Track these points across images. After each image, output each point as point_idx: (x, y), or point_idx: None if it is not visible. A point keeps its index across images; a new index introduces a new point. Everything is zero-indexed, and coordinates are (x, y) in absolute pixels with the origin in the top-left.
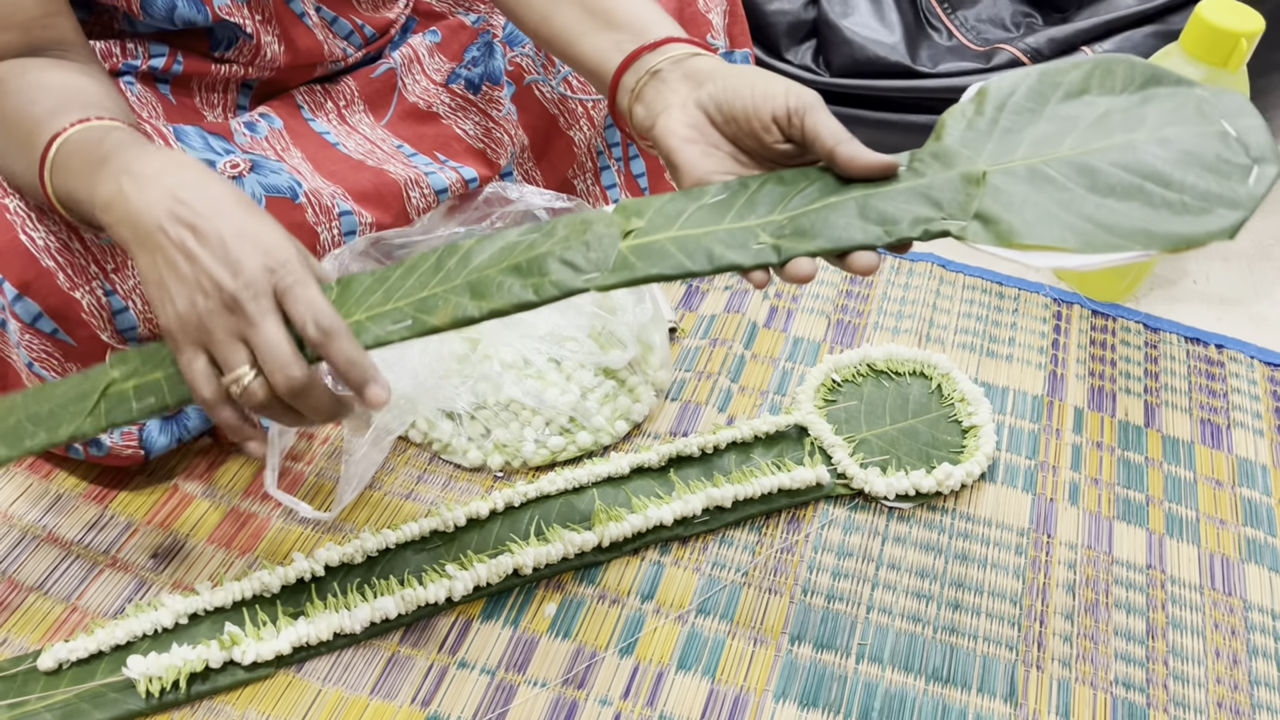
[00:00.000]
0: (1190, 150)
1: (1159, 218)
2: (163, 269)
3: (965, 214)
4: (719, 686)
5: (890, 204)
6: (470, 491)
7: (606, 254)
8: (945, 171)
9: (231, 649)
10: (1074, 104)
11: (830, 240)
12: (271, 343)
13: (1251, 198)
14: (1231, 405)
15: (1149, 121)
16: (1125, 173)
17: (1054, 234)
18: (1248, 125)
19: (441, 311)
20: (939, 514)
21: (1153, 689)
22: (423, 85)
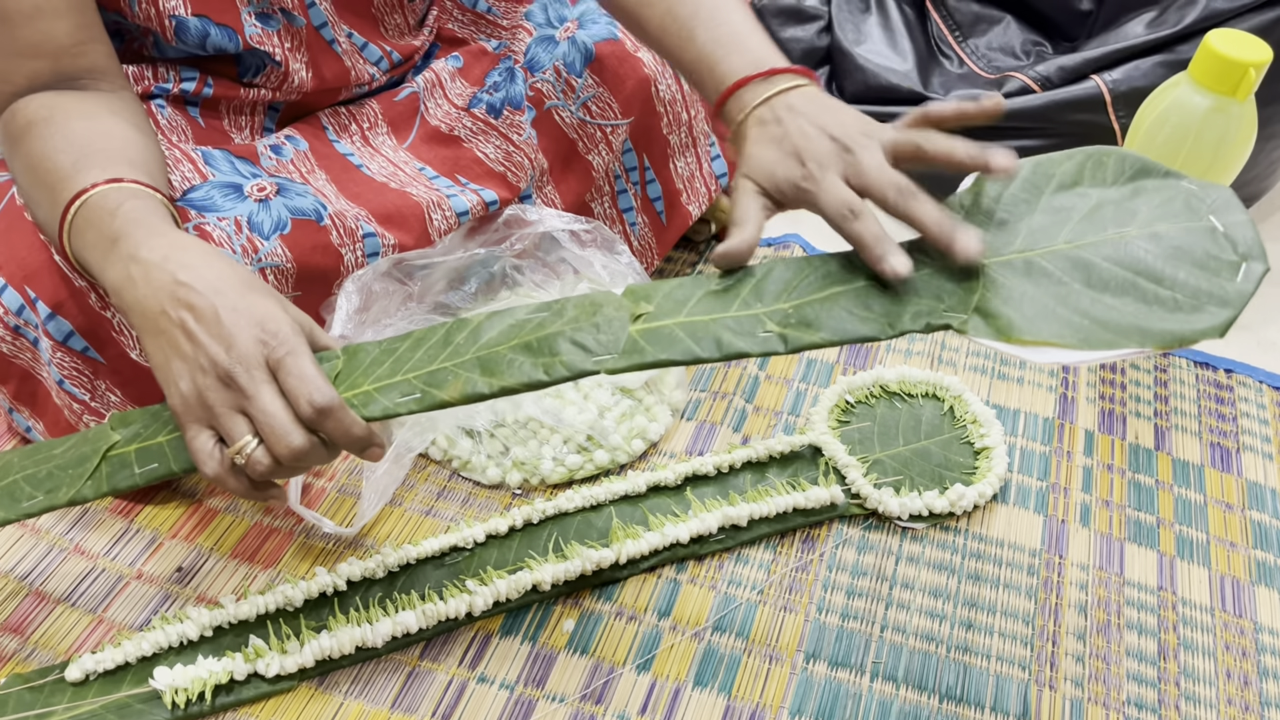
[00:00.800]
0: (1180, 246)
1: (1153, 315)
2: (167, 350)
3: (965, 308)
4: (735, 703)
5: (893, 295)
6: (489, 508)
7: (617, 337)
8: (944, 263)
9: (255, 661)
10: (1067, 195)
11: (834, 332)
12: (268, 413)
13: (1241, 295)
14: (1241, 429)
15: (1140, 216)
16: (1119, 268)
17: (1053, 330)
18: (1235, 221)
19: (451, 386)
20: (952, 534)
21: (1165, 710)
22: (444, 109)
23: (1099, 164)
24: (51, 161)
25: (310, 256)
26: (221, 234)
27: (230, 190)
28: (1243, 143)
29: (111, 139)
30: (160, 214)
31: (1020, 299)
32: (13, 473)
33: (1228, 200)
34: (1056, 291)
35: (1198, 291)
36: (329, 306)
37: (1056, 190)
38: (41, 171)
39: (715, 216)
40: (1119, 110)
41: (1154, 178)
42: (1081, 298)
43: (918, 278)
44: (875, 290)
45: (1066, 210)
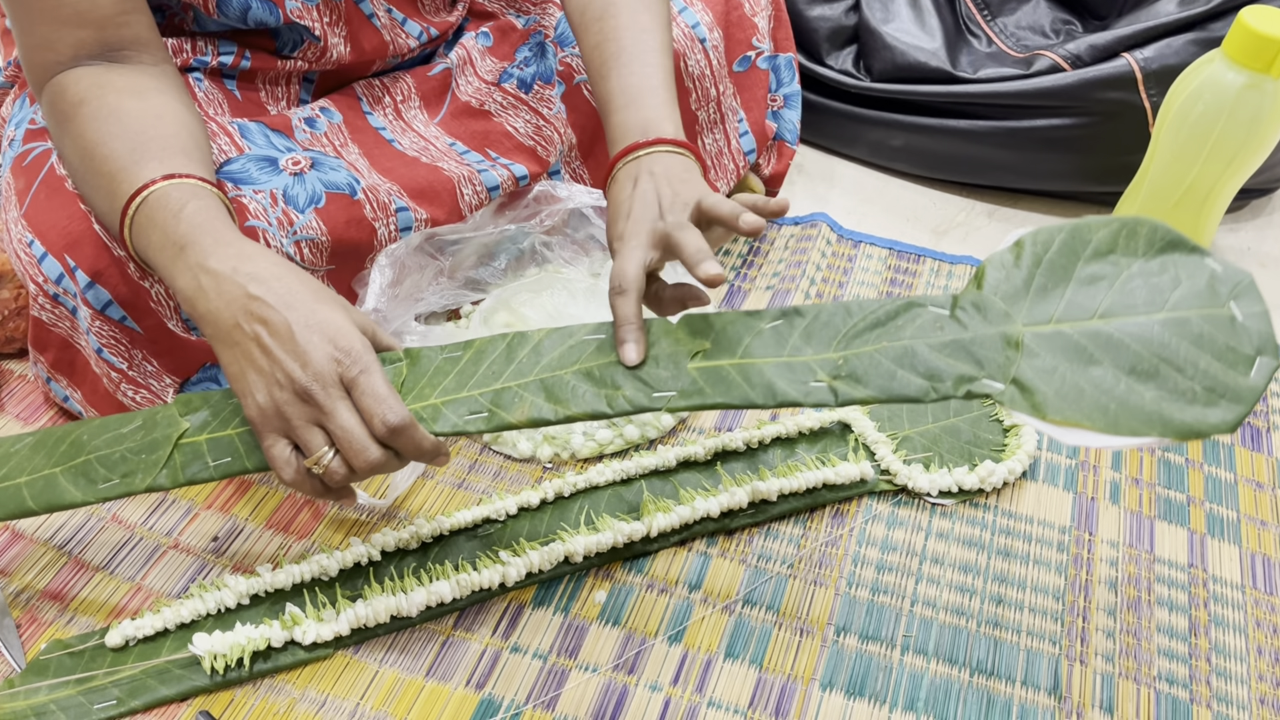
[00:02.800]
0: (1203, 335)
1: (1174, 405)
2: (242, 363)
3: (1004, 377)
4: (766, 675)
5: (937, 357)
6: (520, 481)
7: (677, 374)
8: (986, 327)
9: (293, 629)
10: (1101, 264)
11: (879, 390)
12: (345, 429)
13: (1253, 391)
14: (1271, 409)
15: (1168, 297)
16: (1147, 352)
17: (1083, 413)
18: (1253, 312)
19: (518, 409)
20: (981, 510)
21: (1196, 685)
22: (475, 85)
23: (1132, 234)
24: (107, 148)
25: (344, 230)
26: (258, 206)
27: (266, 164)
28: (1277, 121)
29: (163, 122)
30: (223, 217)
31: (1053, 373)
32: (84, 452)
33: (1248, 287)
34: (1088, 371)
35: (1214, 385)
36: (361, 280)
37: (1091, 257)
38: (97, 159)
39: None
40: (1150, 89)
41: (1182, 252)
42: (1110, 379)
43: (961, 340)
44: (921, 348)
45: (1099, 280)
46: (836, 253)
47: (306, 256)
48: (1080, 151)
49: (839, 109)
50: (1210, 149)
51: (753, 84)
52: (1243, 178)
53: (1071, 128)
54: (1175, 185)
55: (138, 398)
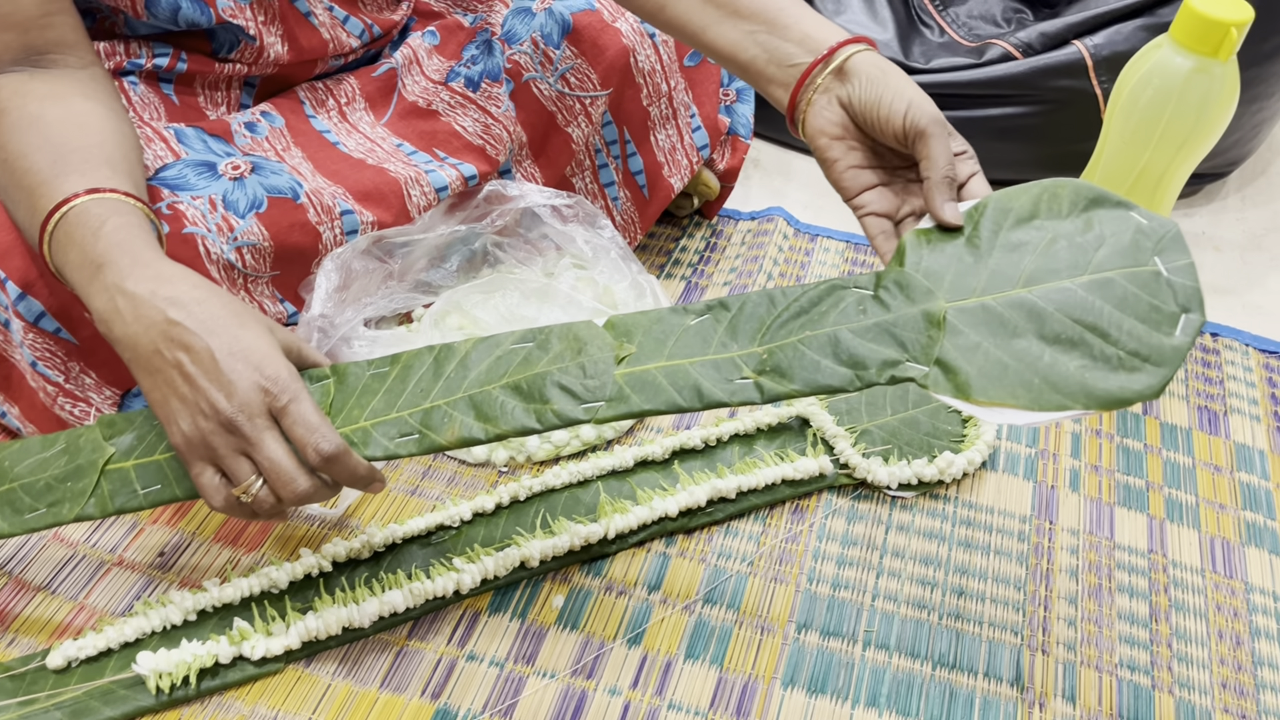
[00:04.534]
0: (1126, 296)
1: (1098, 374)
2: (164, 390)
3: (928, 358)
4: (727, 675)
5: (860, 343)
6: (475, 487)
7: (603, 382)
8: (909, 306)
9: (241, 644)
10: (1024, 230)
11: (805, 383)
12: (272, 460)
13: (1176, 352)
14: (1228, 392)
15: (1092, 258)
16: (1070, 320)
17: (1007, 391)
18: (1179, 265)
19: (449, 430)
20: (941, 502)
21: (1157, 671)
22: (422, 85)
23: (1054, 196)
24: (28, 161)
25: (287, 235)
26: (196, 213)
27: (204, 169)
28: (1226, 104)
29: (88, 131)
30: (144, 236)
31: (976, 350)
32: (7, 479)
33: (1173, 239)
34: (1011, 344)
35: (1138, 350)
36: (308, 285)
37: (1014, 225)
38: (18, 172)
39: (697, 190)
40: (1101, 75)
41: (1106, 207)
42: (1034, 351)
43: (883, 322)
44: (845, 334)
45: (1023, 246)
46: (794, 247)
47: (249, 262)
48: (1033, 140)
49: None
50: (1161, 134)
51: (704, 78)
52: (1194, 162)
53: (1024, 116)
54: (1127, 172)
55: (76, 411)
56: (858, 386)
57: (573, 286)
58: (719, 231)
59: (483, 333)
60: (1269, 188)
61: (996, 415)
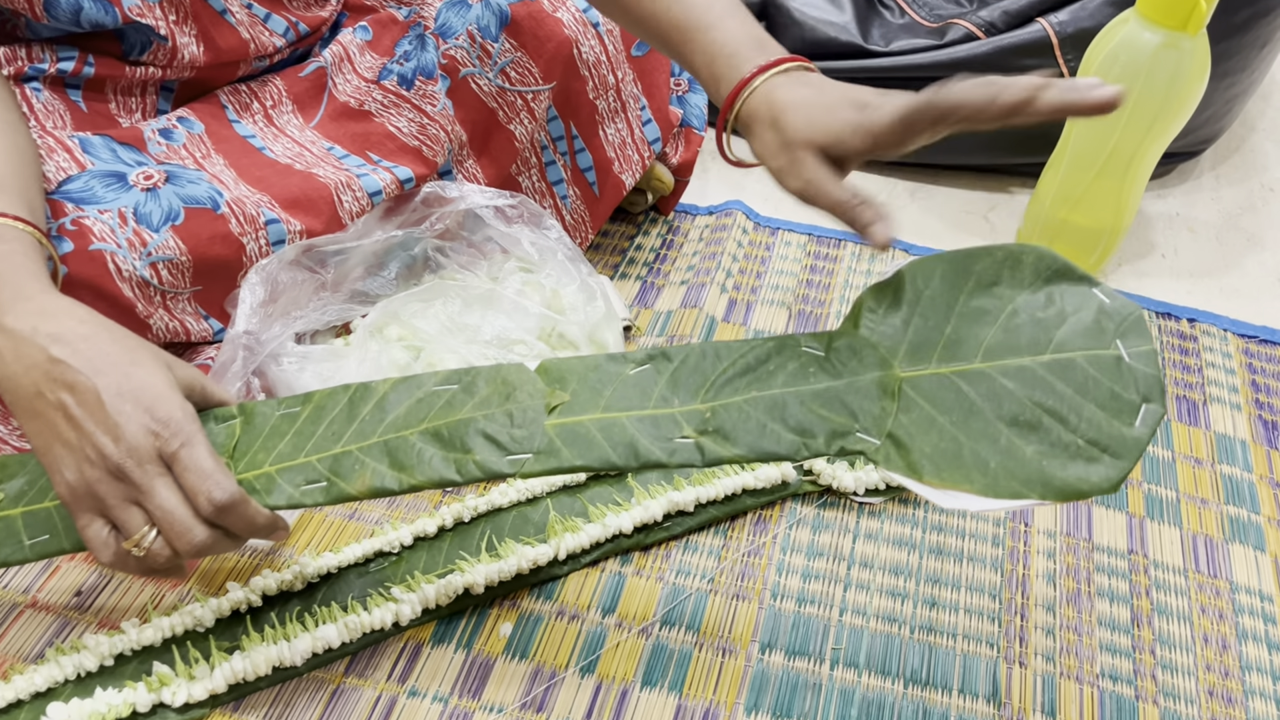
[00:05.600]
0: (1087, 382)
1: (1056, 463)
2: (48, 435)
3: (880, 431)
4: (687, 702)
5: (809, 409)
6: (417, 508)
7: (532, 433)
8: (862, 373)
9: (160, 690)
10: (985, 298)
11: (749, 448)
12: (165, 510)
13: (1136, 444)
14: (1207, 380)
15: (1053, 336)
16: (1030, 403)
17: (961, 473)
18: (1140, 352)
19: (359, 479)
20: (911, 508)
21: (1141, 680)
22: (354, 84)
23: (1017, 263)
24: None
25: (208, 247)
26: (104, 228)
27: (113, 179)
28: (1196, 80)
29: None
30: (29, 265)
31: (930, 426)
32: None
33: (1135, 323)
34: (967, 424)
35: (1097, 439)
36: (233, 301)
37: (974, 291)
38: None
39: (651, 186)
40: (1067, 53)
41: (1070, 281)
42: (991, 432)
43: (834, 388)
44: (792, 399)
45: (983, 316)
46: (754, 241)
47: (166, 279)
48: None
49: None
50: (1130, 112)
51: (653, 68)
52: (1165, 141)
53: None
54: (1097, 152)
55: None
56: (804, 456)
57: (519, 291)
58: (675, 228)
59: (422, 343)
60: (1244, 165)
61: (949, 499)
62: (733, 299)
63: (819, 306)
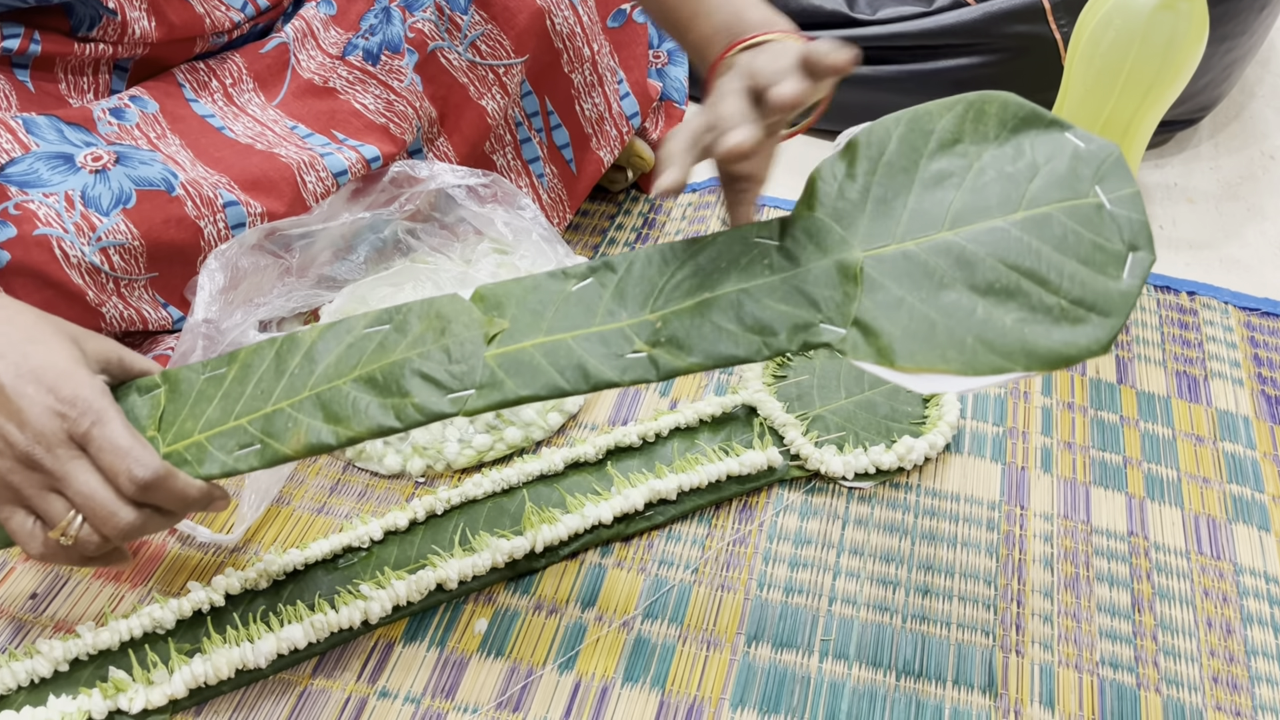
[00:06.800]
0: (1066, 236)
1: (1038, 329)
2: None
3: (844, 319)
4: (670, 698)
5: (766, 305)
6: (389, 501)
7: (471, 366)
8: (820, 258)
9: (117, 697)
10: (948, 158)
11: (705, 355)
12: (85, 494)
13: (1125, 298)
14: (1208, 355)
15: (1025, 191)
16: (1004, 266)
17: (936, 354)
18: (1122, 196)
19: (293, 437)
20: (902, 492)
21: (1142, 667)
22: (318, 60)
23: (980, 115)
24: None
25: (161, 231)
26: (50, 212)
27: (59, 161)
28: (1193, 44)
29: None
30: None
31: (899, 307)
32: None
33: (1115, 164)
34: (938, 299)
35: (1082, 297)
36: (192, 288)
37: (937, 151)
38: None
39: (630, 163)
40: (1060, 18)
41: (1038, 129)
42: (965, 304)
43: (792, 277)
44: (748, 296)
45: (947, 179)
46: None
47: (117, 264)
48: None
49: None
50: (1125, 79)
51: (630, 40)
52: (1162, 108)
53: (980, 66)
54: (1091, 121)
55: None
56: (766, 355)
57: (493, 274)
58: (658, 206)
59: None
60: (1243, 133)
61: (925, 383)
62: None
63: None
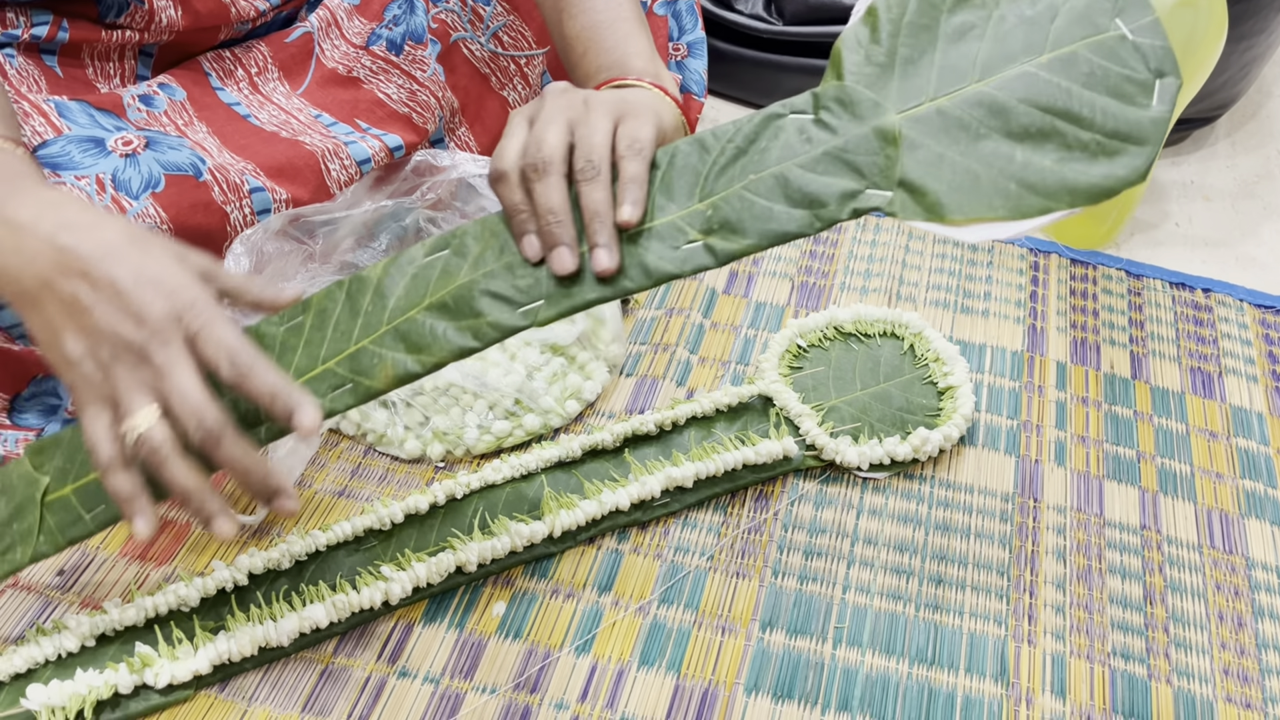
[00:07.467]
0: (1093, 71)
1: (1076, 167)
2: (57, 328)
3: (889, 182)
4: (685, 682)
5: (811, 178)
6: (409, 485)
7: (536, 279)
8: (857, 126)
9: (143, 671)
10: (967, 10)
11: (760, 235)
12: (181, 389)
13: (1157, 125)
14: (1222, 351)
15: (1048, 32)
16: (1036, 110)
17: (983, 203)
18: (1143, 24)
19: (381, 372)
20: (917, 483)
21: (1154, 659)
22: (342, 49)
23: None
24: None
25: (189, 216)
26: (81, 194)
27: (90, 145)
28: (1212, 42)
29: None
30: (22, 168)
31: (941, 163)
32: None
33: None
34: (977, 150)
35: (1116, 129)
36: None
37: (955, 5)
38: None
39: None
40: None
41: None
42: (1003, 153)
43: (832, 147)
44: (793, 170)
45: (969, 31)
46: None
47: None
48: None
49: (751, 57)
50: None
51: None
52: (1180, 106)
53: None
54: None
55: None
56: (819, 227)
57: None
58: None
59: None
60: (1260, 132)
61: (976, 232)
62: (734, 270)
63: (822, 278)
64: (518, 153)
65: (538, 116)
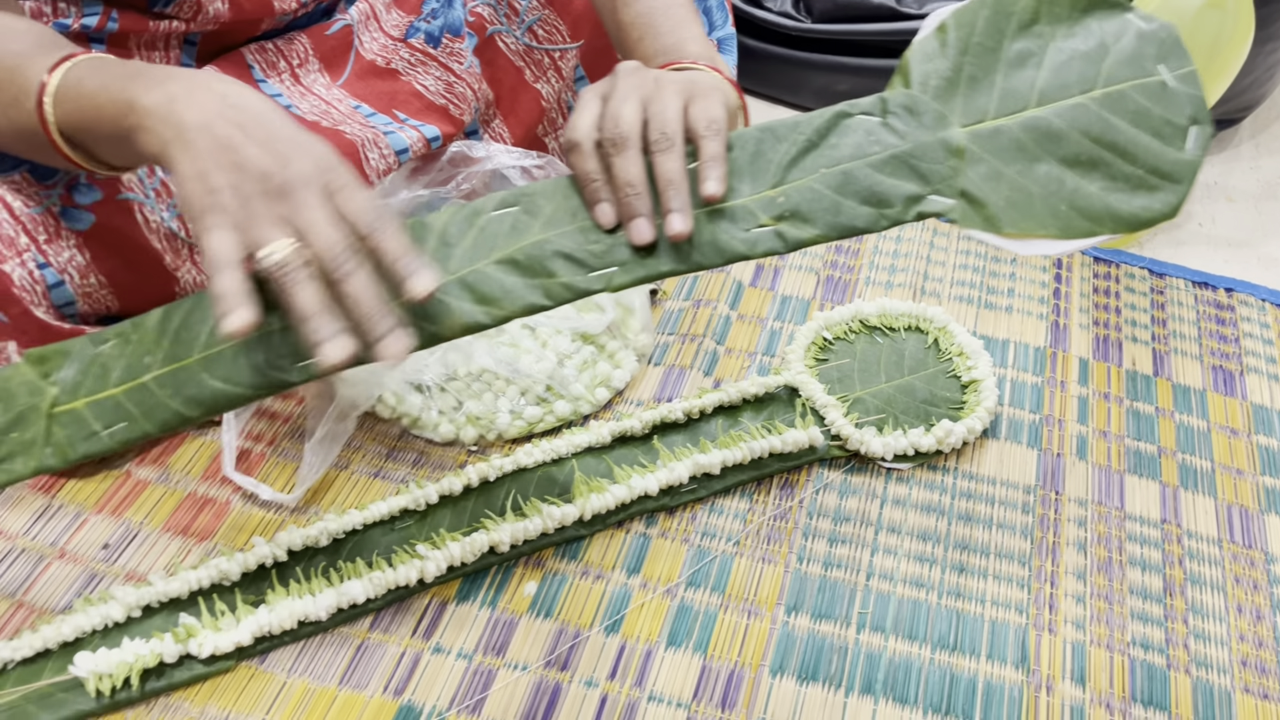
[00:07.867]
0: (1139, 110)
1: (1121, 197)
2: (205, 164)
3: (953, 190)
4: (711, 663)
5: (880, 178)
6: (443, 467)
7: (611, 245)
8: (924, 133)
9: (187, 641)
10: (1027, 39)
11: (828, 226)
12: (319, 224)
13: (1190, 167)
14: (1244, 350)
15: (1100, 70)
16: (1088, 140)
17: (1035, 221)
18: (1183, 74)
19: (447, 320)
20: (940, 474)
21: (1173, 649)
22: (380, 42)
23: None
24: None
25: None
26: (132, 177)
27: None
28: (1239, 43)
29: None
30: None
31: (999, 179)
32: None
33: (1175, 44)
34: (1034, 170)
35: (1156, 166)
36: None
37: (1018, 32)
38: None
39: None
40: None
41: (1103, 9)
42: (1057, 176)
43: (899, 151)
44: (861, 169)
45: (1029, 59)
46: None
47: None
48: None
49: (780, 54)
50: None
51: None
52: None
53: None
54: None
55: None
56: (884, 225)
57: None
58: None
59: None
60: None
61: (1029, 247)
62: (760, 264)
63: (848, 272)
64: (591, 124)
65: (612, 93)
